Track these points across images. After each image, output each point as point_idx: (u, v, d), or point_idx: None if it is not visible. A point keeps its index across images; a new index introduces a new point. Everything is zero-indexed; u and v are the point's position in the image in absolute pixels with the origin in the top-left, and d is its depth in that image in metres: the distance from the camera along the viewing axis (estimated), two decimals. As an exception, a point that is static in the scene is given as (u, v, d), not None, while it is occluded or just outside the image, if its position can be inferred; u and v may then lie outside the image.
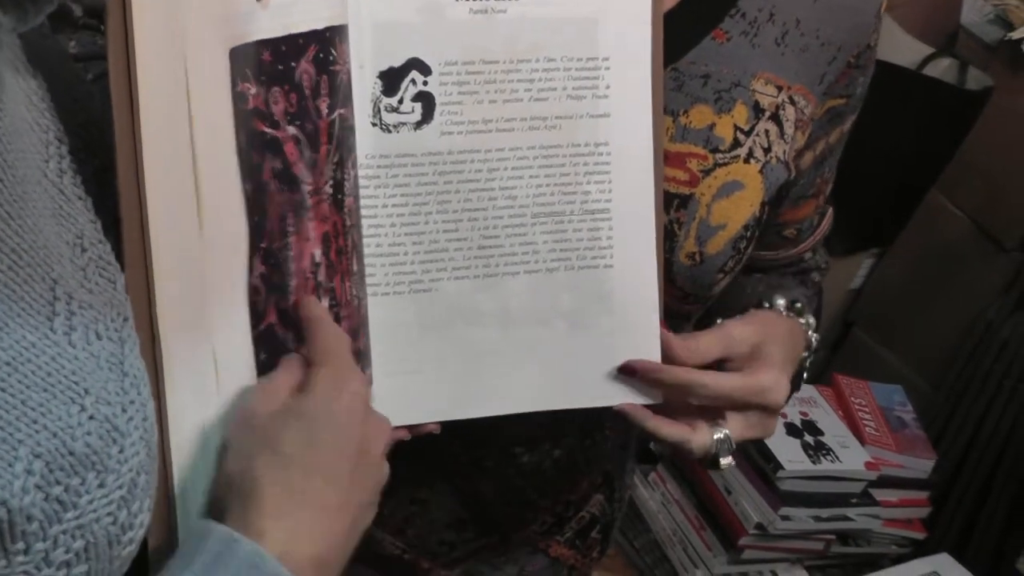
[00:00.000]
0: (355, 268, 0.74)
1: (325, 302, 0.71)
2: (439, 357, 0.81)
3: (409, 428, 0.81)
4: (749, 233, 0.90)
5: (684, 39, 0.88)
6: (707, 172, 0.88)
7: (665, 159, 0.86)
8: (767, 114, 0.89)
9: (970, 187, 2.19)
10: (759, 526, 1.80)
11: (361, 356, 0.76)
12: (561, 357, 0.82)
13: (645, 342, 0.83)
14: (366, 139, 0.74)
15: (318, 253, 0.70)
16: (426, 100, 0.76)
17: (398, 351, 0.79)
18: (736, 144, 0.88)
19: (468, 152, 0.77)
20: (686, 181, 0.87)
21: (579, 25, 0.79)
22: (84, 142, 0.62)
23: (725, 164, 0.88)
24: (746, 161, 0.88)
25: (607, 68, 0.79)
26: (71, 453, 0.51)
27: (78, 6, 0.79)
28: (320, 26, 0.67)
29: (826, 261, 1.10)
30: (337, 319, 0.72)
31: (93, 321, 0.56)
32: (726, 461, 0.87)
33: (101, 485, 0.52)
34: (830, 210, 1.07)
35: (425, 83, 0.76)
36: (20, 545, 0.49)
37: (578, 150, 0.80)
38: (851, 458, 1.85)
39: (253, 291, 0.66)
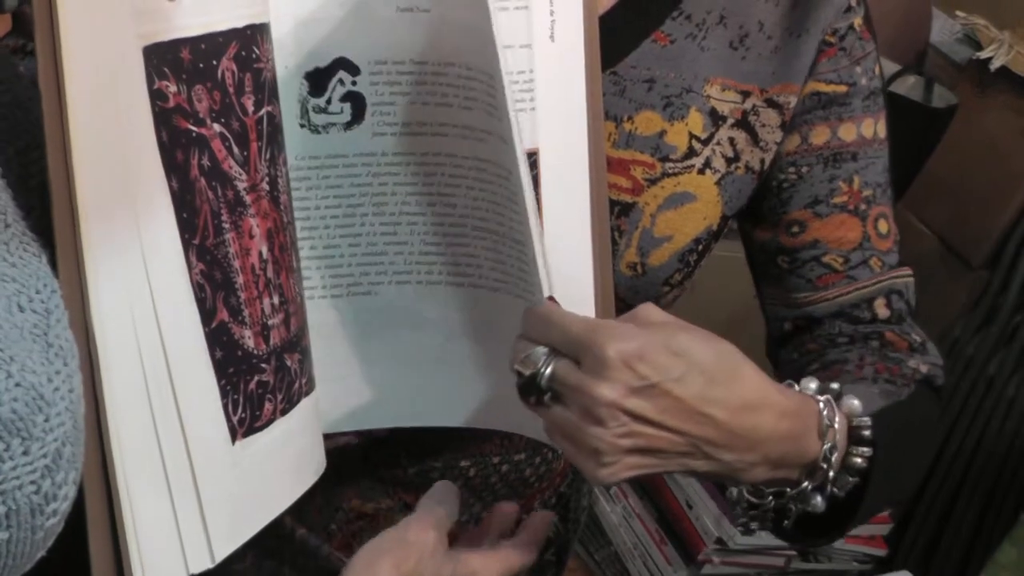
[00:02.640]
0: (295, 265, 0.73)
1: (276, 299, 0.70)
2: (382, 362, 0.79)
3: (357, 432, 0.80)
4: (700, 247, 0.88)
5: (621, 42, 0.85)
6: (653, 181, 0.85)
7: (606, 164, 0.81)
8: (729, 121, 0.86)
9: (937, 205, 2.19)
10: (719, 540, 1.79)
11: (308, 354, 0.74)
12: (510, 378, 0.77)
13: None
14: (295, 140, 0.73)
15: (264, 250, 0.69)
16: (355, 100, 0.74)
17: (339, 355, 0.78)
18: (691, 153, 0.86)
19: (404, 155, 0.75)
20: (629, 189, 0.85)
21: (479, 37, 0.68)
22: (9, 124, 0.62)
23: (675, 174, 0.85)
24: (700, 172, 0.86)
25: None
26: None
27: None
28: (240, 24, 0.66)
29: (922, 341, 0.91)
30: (287, 316, 0.71)
31: (15, 294, 0.56)
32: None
33: (25, 453, 0.52)
34: (910, 276, 0.93)
35: (354, 83, 0.74)
36: None
37: (500, 172, 0.72)
38: (813, 474, 1.85)
39: (198, 288, 0.65)
